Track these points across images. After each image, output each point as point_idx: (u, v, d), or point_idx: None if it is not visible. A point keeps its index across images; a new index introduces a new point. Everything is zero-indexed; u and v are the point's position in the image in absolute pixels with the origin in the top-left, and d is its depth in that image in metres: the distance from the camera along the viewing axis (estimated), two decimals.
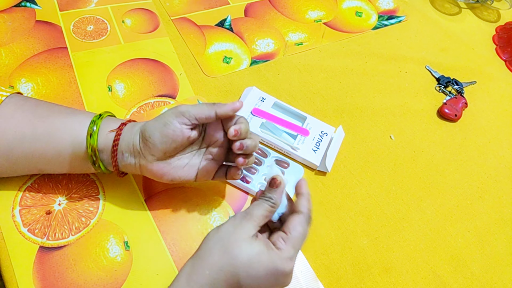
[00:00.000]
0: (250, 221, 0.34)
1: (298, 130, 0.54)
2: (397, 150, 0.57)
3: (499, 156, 0.60)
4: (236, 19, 0.69)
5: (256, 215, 0.35)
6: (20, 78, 0.53)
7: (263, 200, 0.36)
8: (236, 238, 0.33)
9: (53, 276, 0.40)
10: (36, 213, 0.43)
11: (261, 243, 0.33)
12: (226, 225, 0.34)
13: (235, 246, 0.32)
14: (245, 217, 0.34)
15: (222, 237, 0.33)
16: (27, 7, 0.61)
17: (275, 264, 0.32)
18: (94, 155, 0.39)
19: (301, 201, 0.37)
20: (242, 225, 0.34)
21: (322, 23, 0.72)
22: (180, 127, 0.37)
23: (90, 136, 0.38)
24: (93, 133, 0.38)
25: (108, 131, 0.39)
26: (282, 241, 0.34)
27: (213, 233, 0.34)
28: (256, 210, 0.35)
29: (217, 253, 0.32)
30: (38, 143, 0.39)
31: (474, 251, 0.50)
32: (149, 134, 0.38)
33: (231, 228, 0.34)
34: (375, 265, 0.47)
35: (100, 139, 0.39)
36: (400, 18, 0.77)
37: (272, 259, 0.32)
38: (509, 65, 0.73)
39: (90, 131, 0.38)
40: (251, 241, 0.33)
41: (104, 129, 0.39)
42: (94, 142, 0.38)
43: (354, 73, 0.65)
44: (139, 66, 0.58)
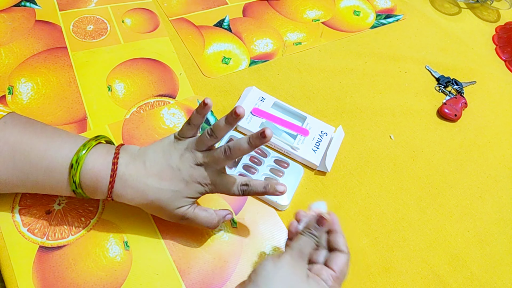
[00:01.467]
0: (304, 260, 0.35)
1: (298, 130, 0.54)
2: (397, 150, 0.57)
3: (499, 156, 0.59)
4: (234, 19, 0.69)
5: (306, 254, 0.36)
6: (20, 77, 0.53)
7: (311, 236, 0.37)
8: (297, 280, 0.33)
9: (52, 276, 0.40)
10: (36, 212, 0.43)
11: (315, 283, 0.34)
12: (285, 265, 0.34)
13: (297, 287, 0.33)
14: (301, 256, 0.35)
15: (284, 277, 0.33)
16: (26, 7, 0.61)
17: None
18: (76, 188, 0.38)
19: (341, 239, 0.38)
20: (300, 266, 0.35)
21: (320, 22, 0.72)
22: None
23: (73, 176, 0.37)
24: (75, 172, 0.37)
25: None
26: (332, 280, 0.35)
27: (272, 270, 0.34)
28: (306, 249, 0.36)
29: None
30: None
31: (474, 251, 0.50)
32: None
33: (291, 269, 0.34)
34: (374, 264, 0.47)
35: (85, 176, 0.37)
36: (398, 17, 0.77)
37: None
38: (509, 65, 0.73)
39: (72, 172, 0.37)
40: (308, 281, 0.34)
41: (90, 162, 0.38)
42: (77, 179, 0.37)
43: (354, 73, 0.65)
44: (139, 66, 0.58)
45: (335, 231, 0.38)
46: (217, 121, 0.39)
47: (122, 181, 0.38)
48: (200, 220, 0.40)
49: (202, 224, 0.41)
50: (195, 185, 0.39)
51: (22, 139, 0.38)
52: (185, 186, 0.39)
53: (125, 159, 0.39)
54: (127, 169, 0.38)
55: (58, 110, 0.51)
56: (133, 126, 0.52)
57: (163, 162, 0.39)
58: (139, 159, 0.39)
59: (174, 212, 0.39)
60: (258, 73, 0.62)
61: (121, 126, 0.52)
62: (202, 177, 0.39)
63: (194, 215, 0.40)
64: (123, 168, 0.38)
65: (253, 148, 0.38)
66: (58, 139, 0.39)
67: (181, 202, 0.39)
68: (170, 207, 0.39)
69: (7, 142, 0.37)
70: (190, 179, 0.39)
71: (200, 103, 0.39)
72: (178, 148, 0.40)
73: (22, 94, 0.52)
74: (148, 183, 0.38)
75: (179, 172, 0.38)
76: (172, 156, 0.39)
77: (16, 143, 0.37)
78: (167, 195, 0.38)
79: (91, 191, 0.38)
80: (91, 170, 0.37)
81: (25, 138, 0.38)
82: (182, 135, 0.40)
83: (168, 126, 0.53)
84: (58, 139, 0.39)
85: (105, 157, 0.38)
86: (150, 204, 0.39)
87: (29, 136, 0.38)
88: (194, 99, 0.56)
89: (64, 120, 0.51)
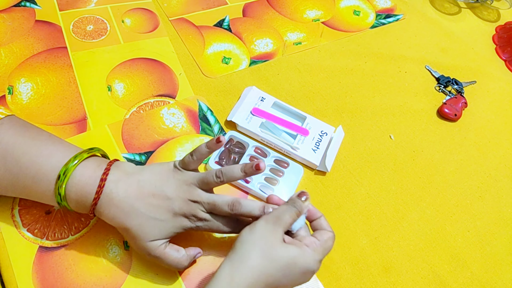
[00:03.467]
0: (281, 226, 0.36)
1: (297, 130, 0.54)
2: (397, 150, 0.57)
3: (499, 156, 0.59)
4: (234, 19, 0.68)
5: (286, 221, 0.36)
6: (20, 77, 0.53)
7: (292, 205, 0.37)
8: (272, 243, 0.35)
9: (52, 276, 0.40)
10: (36, 213, 0.43)
11: (295, 247, 0.35)
12: (260, 229, 0.35)
13: (272, 250, 0.34)
14: (276, 222, 0.36)
15: (258, 242, 0.35)
16: (26, 7, 0.61)
17: (310, 264, 0.35)
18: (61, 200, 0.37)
19: (324, 221, 0.39)
20: (276, 230, 0.35)
21: (320, 22, 0.72)
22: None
23: (59, 188, 0.36)
24: (61, 185, 0.36)
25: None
26: (316, 245, 0.36)
27: (248, 235, 0.35)
28: (285, 216, 0.36)
29: (257, 257, 0.34)
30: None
31: (474, 251, 0.50)
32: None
33: (266, 233, 0.35)
34: (374, 264, 0.47)
35: (71, 188, 0.36)
36: (398, 17, 0.77)
37: (308, 260, 0.35)
38: (509, 65, 0.73)
39: (58, 184, 0.36)
40: (286, 245, 0.35)
41: (77, 176, 0.37)
42: (62, 192, 0.36)
43: (353, 73, 0.65)
44: (138, 66, 0.58)
45: (320, 216, 0.39)
46: (228, 168, 0.39)
47: (108, 199, 0.36)
48: (170, 261, 0.38)
49: (171, 266, 0.39)
50: (181, 219, 0.38)
51: (16, 142, 0.37)
52: (171, 218, 0.37)
53: (116, 176, 0.37)
54: (116, 187, 0.37)
55: (58, 110, 0.51)
56: (133, 126, 0.52)
57: (158, 186, 0.38)
58: (133, 178, 0.38)
59: (147, 244, 0.37)
60: (258, 73, 0.62)
61: (121, 126, 0.51)
62: (192, 213, 0.38)
63: (164, 255, 0.38)
64: (112, 185, 0.37)
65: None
66: (50, 146, 0.38)
67: (158, 234, 0.37)
68: (146, 236, 0.37)
69: (0, 143, 0.37)
70: (179, 211, 0.38)
71: (214, 139, 0.39)
72: (176, 178, 0.39)
73: (22, 94, 0.52)
74: (135, 205, 0.37)
75: (169, 202, 0.37)
76: (168, 183, 0.38)
77: (9, 145, 0.37)
78: (149, 223, 0.37)
79: (75, 204, 0.37)
80: (77, 183, 0.36)
81: (18, 141, 0.37)
82: (183, 166, 0.39)
83: (167, 126, 0.53)
84: (51, 147, 0.38)
85: (95, 170, 0.37)
86: (129, 229, 0.37)
87: (23, 140, 0.37)
88: (194, 99, 0.56)
89: (64, 120, 0.51)
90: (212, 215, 0.39)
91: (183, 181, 0.39)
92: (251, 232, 0.35)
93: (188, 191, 0.38)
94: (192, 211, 0.38)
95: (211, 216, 0.39)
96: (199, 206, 0.38)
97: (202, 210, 0.38)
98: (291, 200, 0.38)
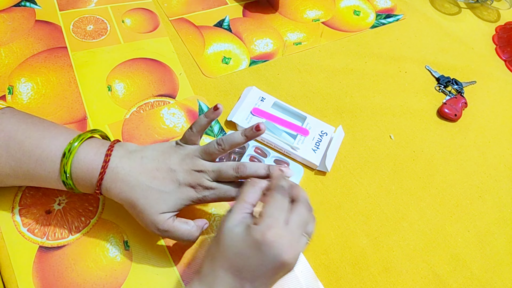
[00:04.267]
0: (234, 209, 0.35)
1: (298, 130, 0.54)
2: (397, 150, 0.57)
3: (499, 156, 0.59)
4: (234, 19, 0.69)
5: (240, 199, 0.36)
6: (20, 77, 0.53)
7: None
8: (221, 228, 0.34)
9: (52, 276, 0.40)
10: (36, 212, 0.43)
11: (242, 224, 0.34)
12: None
13: (221, 235, 0.34)
14: (230, 209, 0.35)
15: (215, 231, 0.36)
16: (26, 7, 0.61)
17: (252, 235, 0.32)
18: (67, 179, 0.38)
19: (273, 181, 0.37)
20: (226, 216, 0.35)
21: (320, 22, 0.72)
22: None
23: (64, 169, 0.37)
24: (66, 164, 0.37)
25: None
26: (258, 217, 0.34)
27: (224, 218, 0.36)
28: (241, 195, 0.36)
29: (212, 246, 0.35)
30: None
31: (474, 251, 0.50)
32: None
33: (221, 222, 0.36)
34: (374, 264, 0.47)
35: (76, 166, 0.37)
36: (398, 17, 0.77)
37: (250, 233, 0.33)
38: (509, 65, 0.73)
39: (64, 161, 0.37)
40: (233, 226, 0.34)
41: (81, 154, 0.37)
42: (68, 169, 0.37)
43: (354, 73, 0.65)
44: (138, 65, 0.58)
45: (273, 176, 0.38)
46: (229, 134, 0.39)
47: (113, 174, 0.37)
48: (181, 234, 0.38)
49: (182, 238, 0.39)
50: (187, 189, 0.38)
51: (18, 128, 0.38)
52: (177, 189, 0.38)
53: (120, 152, 0.38)
54: (120, 162, 0.37)
55: (58, 110, 0.51)
56: (133, 126, 0.52)
57: (161, 161, 0.38)
58: (136, 154, 0.39)
59: (154, 217, 0.37)
60: (258, 73, 0.62)
61: (121, 126, 0.52)
62: (197, 182, 0.38)
63: (174, 227, 0.38)
64: (117, 160, 0.38)
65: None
66: (53, 130, 0.39)
67: (165, 207, 0.37)
68: (153, 209, 0.37)
69: (3, 130, 0.38)
70: (183, 181, 0.38)
71: (211, 107, 0.39)
72: (179, 152, 0.39)
73: (22, 94, 0.52)
74: (140, 179, 0.37)
75: (174, 173, 0.38)
76: (171, 158, 0.39)
77: (12, 131, 0.38)
78: (155, 196, 0.37)
79: (81, 183, 0.38)
80: (83, 160, 0.37)
81: (21, 127, 0.38)
82: (184, 141, 0.40)
83: (168, 126, 0.53)
84: (54, 130, 0.39)
85: (99, 148, 0.38)
86: (135, 202, 0.37)
87: (25, 126, 0.38)
88: (194, 99, 0.56)
89: (64, 120, 0.51)
90: (218, 182, 0.39)
91: (185, 155, 0.39)
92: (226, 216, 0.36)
93: (192, 162, 0.39)
94: (197, 180, 0.38)
95: (217, 184, 0.39)
96: (204, 175, 0.38)
97: (208, 178, 0.38)
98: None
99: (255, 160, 0.51)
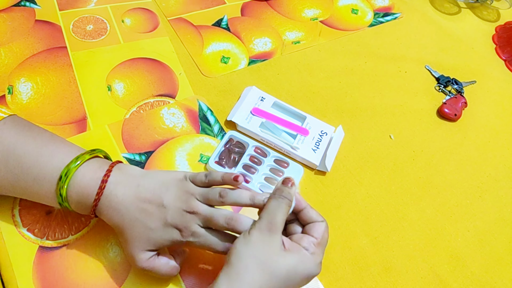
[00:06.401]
0: (277, 232, 0.34)
1: (297, 130, 0.54)
2: (397, 149, 0.57)
3: (498, 156, 0.59)
4: (232, 18, 0.68)
5: (280, 222, 0.35)
6: (20, 77, 0.53)
7: (281, 199, 0.36)
8: (270, 254, 0.33)
9: (52, 276, 0.40)
10: (36, 212, 0.43)
11: (294, 254, 0.34)
12: (255, 239, 0.34)
13: (271, 262, 0.33)
14: (271, 229, 0.34)
15: (255, 254, 0.33)
16: (26, 7, 0.61)
17: (311, 270, 0.34)
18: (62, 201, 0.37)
19: (313, 212, 0.37)
20: (272, 239, 0.34)
21: (318, 21, 0.72)
22: None
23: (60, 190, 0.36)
24: (62, 187, 0.36)
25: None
26: (314, 246, 0.35)
27: (243, 248, 0.34)
28: (278, 217, 0.35)
29: (255, 271, 0.32)
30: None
31: (474, 250, 0.50)
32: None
33: (261, 244, 0.33)
34: (374, 264, 0.47)
35: (72, 189, 0.36)
36: (396, 15, 0.77)
37: (308, 266, 0.34)
38: (508, 65, 0.73)
39: (60, 185, 0.36)
40: (284, 254, 0.33)
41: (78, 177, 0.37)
42: (64, 192, 0.36)
43: (353, 73, 0.65)
44: (138, 65, 0.58)
45: (305, 207, 0.38)
46: (235, 192, 0.37)
47: (107, 200, 0.36)
48: (160, 274, 0.38)
49: (162, 276, 0.38)
50: (172, 230, 0.36)
51: (17, 142, 0.37)
52: (162, 227, 0.36)
53: (117, 178, 0.37)
54: (115, 189, 0.36)
55: (58, 110, 0.51)
56: (133, 126, 0.52)
57: (156, 194, 0.37)
58: (134, 181, 0.37)
59: (136, 253, 0.36)
60: (258, 73, 0.62)
61: (121, 126, 0.51)
62: (185, 225, 0.36)
63: (154, 268, 0.37)
64: (112, 187, 0.36)
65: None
66: (52, 146, 0.38)
67: (147, 244, 0.36)
68: (136, 243, 0.36)
69: (2, 143, 0.37)
70: (171, 221, 0.36)
71: (232, 177, 0.38)
72: (179, 187, 0.38)
73: (21, 93, 0.52)
74: (130, 208, 0.36)
75: (163, 211, 0.36)
76: (168, 191, 0.37)
77: (11, 145, 0.37)
78: (140, 230, 0.36)
79: (77, 205, 0.37)
80: (79, 184, 0.36)
81: (20, 141, 0.37)
82: (192, 179, 0.39)
83: (167, 126, 0.53)
84: (52, 147, 0.38)
85: (96, 172, 0.37)
86: (122, 232, 0.37)
87: (24, 140, 0.37)
88: (194, 99, 0.56)
89: (64, 120, 0.51)
90: (207, 231, 0.37)
91: (184, 191, 0.37)
92: (246, 244, 0.34)
93: (187, 201, 0.37)
94: (186, 223, 0.36)
95: (205, 231, 0.37)
96: (194, 218, 0.36)
97: (197, 223, 0.37)
98: (278, 191, 0.36)
99: (255, 160, 0.51)
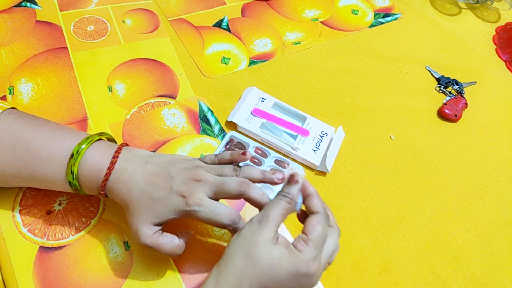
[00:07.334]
0: (267, 224, 0.34)
1: (298, 130, 0.54)
2: (397, 150, 0.57)
3: (499, 156, 0.60)
4: (233, 19, 0.69)
5: (273, 216, 0.34)
6: (21, 78, 0.53)
7: (280, 196, 0.36)
8: (255, 244, 0.33)
9: (53, 276, 0.40)
10: (37, 213, 0.43)
11: (281, 247, 0.33)
12: (244, 231, 0.34)
13: (255, 251, 0.33)
14: (261, 221, 0.34)
15: (242, 243, 0.34)
16: (27, 7, 0.61)
17: (297, 266, 0.33)
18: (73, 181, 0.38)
19: (314, 201, 0.37)
20: (260, 230, 0.34)
21: (319, 21, 0.72)
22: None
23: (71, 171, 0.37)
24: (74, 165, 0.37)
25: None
26: (303, 243, 0.34)
27: (234, 239, 0.35)
28: (272, 211, 0.35)
29: (240, 260, 0.33)
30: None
31: (474, 251, 0.50)
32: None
33: (249, 234, 0.34)
34: (375, 265, 0.47)
35: (83, 166, 0.37)
36: (396, 16, 0.77)
37: (293, 262, 0.33)
38: (509, 66, 0.73)
39: (72, 162, 0.37)
40: (271, 246, 0.33)
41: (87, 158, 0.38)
42: (75, 170, 0.37)
43: (354, 74, 0.65)
44: (139, 66, 0.58)
45: (310, 194, 0.37)
46: (247, 167, 0.38)
47: (117, 175, 0.37)
48: (164, 252, 0.37)
49: (165, 254, 0.38)
50: (176, 198, 0.36)
51: (24, 129, 0.38)
52: (166, 196, 0.36)
53: (127, 155, 0.38)
54: (125, 164, 0.37)
55: (59, 111, 0.51)
56: (134, 127, 0.52)
57: (164, 167, 0.37)
58: (142, 159, 0.38)
59: (140, 226, 0.36)
60: (258, 73, 0.62)
61: (122, 126, 0.52)
62: (191, 192, 0.36)
63: (158, 245, 0.36)
64: (122, 162, 0.38)
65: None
66: (60, 131, 0.39)
67: (151, 216, 0.36)
68: (141, 216, 0.36)
69: (9, 131, 0.38)
70: (176, 189, 0.36)
71: (240, 151, 0.39)
72: (189, 161, 0.38)
73: (22, 94, 0.52)
74: (138, 181, 0.37)
75: (170, 180, 0.36)
76: (176, 165, 0.38)
77: (18, 132, 0.38)
78: (146, 202, 0.36)
79: (86, 184, 0.38)
80: (90, 161, 0.37)
81: (27, 128, 0.38)
82: (203, 160, 0.40)
83: (168, 126, 0.53)
84: (60, 132, 0.39)
85: (106, 150, 0.38)
86: (129, 205, 0.37)
87: (31, 127, 0.38)
88: (194, 100, 0.56)
89: (65, 121, 0.51)
90: (213, 201, 0.36)
91: (194, 165, 0.38)
92: (237, 236, 0.34)
93: (195, 171, 0.37)
94: (192, 190, 0.35)
95: (211, 202, 0.36)
96: (201, 185, 0.36)
97: (204, 191, 0.36)
98: (281, 191, 0.37)
99: (255, 161, 0.51)
